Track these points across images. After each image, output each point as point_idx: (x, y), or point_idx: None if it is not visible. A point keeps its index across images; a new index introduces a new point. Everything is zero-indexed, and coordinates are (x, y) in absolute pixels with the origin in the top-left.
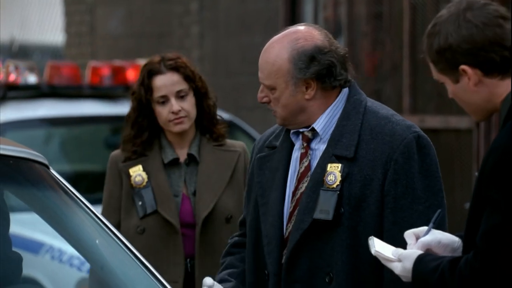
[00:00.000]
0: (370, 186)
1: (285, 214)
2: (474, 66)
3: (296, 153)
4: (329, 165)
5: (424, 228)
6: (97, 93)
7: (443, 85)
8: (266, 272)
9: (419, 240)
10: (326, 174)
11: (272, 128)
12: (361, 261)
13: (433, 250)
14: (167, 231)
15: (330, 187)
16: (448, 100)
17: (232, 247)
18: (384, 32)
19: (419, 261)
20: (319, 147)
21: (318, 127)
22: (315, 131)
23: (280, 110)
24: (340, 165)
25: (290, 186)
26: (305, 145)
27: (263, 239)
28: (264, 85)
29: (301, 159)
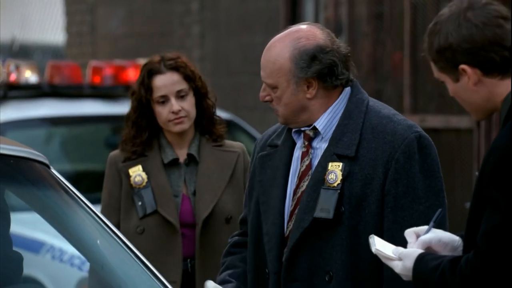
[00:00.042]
0: (371, 185)
1: (286, 213)
2: (474, 66)
3: (298, 152)
4: (330, 164)
5: (425, 227)
6: (98, 93)
7: (444, 85)
8: (267, 271)
9: (420, 238)
10: (327, 173)
11: (274, 127)
12: (361, 260)
13: (434, 248)
14: (167, 231)
15: (331, 186)
16: (449, 100)
17: (233, 247)
18: (385, 32)
19: (420, 260)
20: (321, 146)
21: (320, 126)
22: (317, 130)
23: (282, 109)
24: (341, 164)
25: (291, 185)
26: (307, 144)
27: (264, 237)
28: (266, 84)
29: (302, 158)
